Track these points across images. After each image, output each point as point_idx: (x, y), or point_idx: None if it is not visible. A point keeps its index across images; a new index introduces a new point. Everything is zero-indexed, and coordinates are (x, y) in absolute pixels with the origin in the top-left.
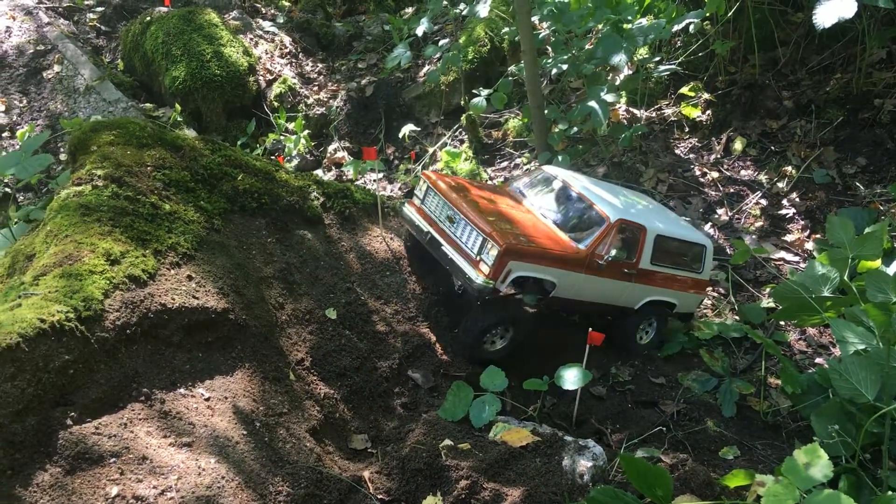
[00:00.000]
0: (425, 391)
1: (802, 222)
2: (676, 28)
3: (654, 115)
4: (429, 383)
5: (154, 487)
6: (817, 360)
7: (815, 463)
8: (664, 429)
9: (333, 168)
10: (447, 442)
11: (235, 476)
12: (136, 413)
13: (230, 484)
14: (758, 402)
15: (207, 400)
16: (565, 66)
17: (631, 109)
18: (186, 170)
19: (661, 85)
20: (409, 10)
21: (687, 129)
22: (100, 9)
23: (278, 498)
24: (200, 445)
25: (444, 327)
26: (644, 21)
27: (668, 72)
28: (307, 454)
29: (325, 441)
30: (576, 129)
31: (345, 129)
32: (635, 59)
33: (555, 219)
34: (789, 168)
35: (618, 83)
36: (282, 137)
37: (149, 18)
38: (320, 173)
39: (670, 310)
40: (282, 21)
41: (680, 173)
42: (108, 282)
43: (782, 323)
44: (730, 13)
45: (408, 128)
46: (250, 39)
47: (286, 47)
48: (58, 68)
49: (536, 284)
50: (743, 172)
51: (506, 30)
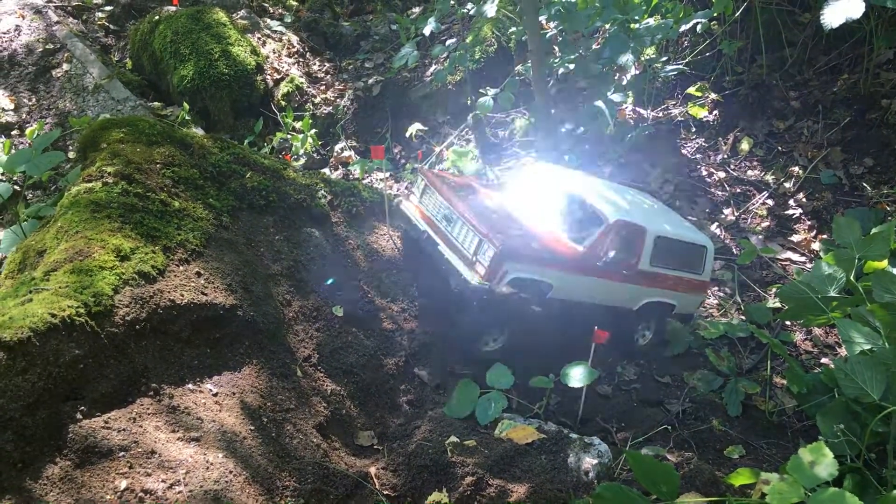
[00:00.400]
0: (431, 388)
1: (809, 223)
2: (684, 28)
3: (660, 114)
4: (435, 381)
5: (163, 481)
6: (823, 360)
7: (820, 461)
8: (669, 427)
9: (340, 167)
10: (453, 439)
11: (243, 471)
12: (145, 408)
13: (238, 478)
14: (763, 402)
15: (215, 395)
16: (572, 65)
17: (638, 109)
18: (195, 167)
19: (668, 85)
20: (417, 10)
21: (694, 130)
22: (108, 8)
23: (285, 493)
24: (208, 440)
25: (447, 325)
26: (651, 21)
27: (675, 72)
28: (314, 450)
29: (331, 437)
30: (582, 129)
31: (352, 128)
32: (642, 59)
33: (554, 219)
34: (796, 168)
35: (625, 83)
36: (289, 136)
37: (157, 17)
38: (327, 172)
39: (670, 311)
40: (289, 20)
41: (686, 173)
42: (117, 278)
43: (788, 323)
44: (737, 13)
45: (415, 127)
46: (258, 39)
47: (294, 46)
48: (67, 67)
49: (534, 285)
50: (749, 173)
51: (513, 29)
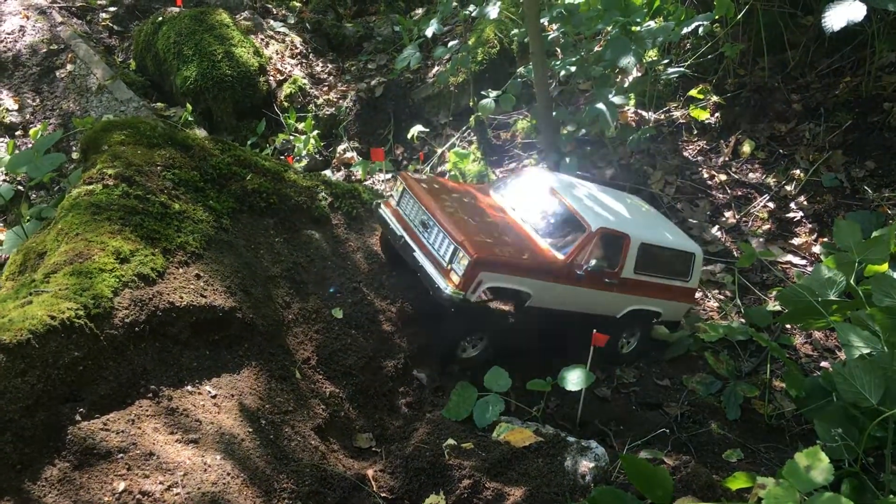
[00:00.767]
0: (430, 391)
1: (810, 226)
2: (685, 30)
3: (662, 117)
4: (434, 383)
5: (161, 483)
6: (822, 364)
7: (816, 466)
8: (668, 431)
9: (342, 168)
10: (450, 441)
11: (241, 473)
12: (144, 409)
13: (236, 480)
14: (762, 406)
15: (214, 397)
16: (574, 68)
17: (639, 111)
18: (196, 169)
19: (670, 87)
20: (419, 12)
21: (695, 132)
22: (112, 8)
23: (283, 495)
24: (207, 442)
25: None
26: (653, 24)
27: (676, 74)
28: (312, 452)
29: (329, 439)
30: (584, 131)
31: (354, 129)
32: (644, 62)
33: (535, 225)
34: (797, 171)
35: (626, 85)
36: (291, 137)
37: (161, 18)
38: (329, 173)
39: (655, 318)
40: (292, 21)
41: (688, 176)
42: (117, 280)
43: (788, 326)
44: (739, 16)
45: (417, 128)
46: (261, 40)
47: (297, 48)
48: (70, 67)
49: (512, 293)
50: (751, 175)
51: (515, 31)
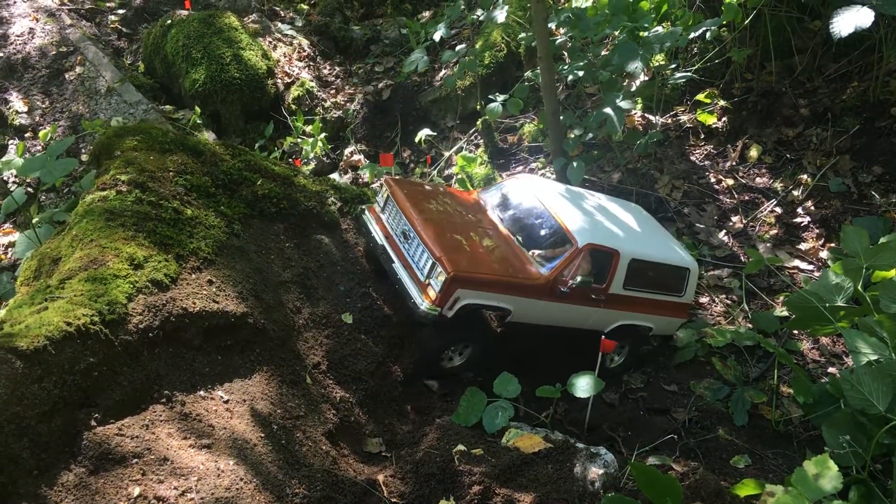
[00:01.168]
0: (439, 396)
1: (817, 231)
2: (693, 35)
3: (669, 121)
4: (443, 388)
5: (175, 488)
6: (830, 370)
7: (825, 474)
8: (676, 436)
9: (350, 171)
10: (460, 447)
11: (254, 478)
12: (158, 415)
13: (248, 486)
14: (770, 411)
15: (226, 402)
16: (581, 72)
17: (646, 116)
18: (207, 175)
19: (677, 91)
20: (427, 14)
21: (702, 136)
22: (121, 11)
23: (295, 500)
24: (220, 447)
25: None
26: (660, 28)
27: (684, 79)
28: (323, 457)
29: (340, 444)
30: (591, 135)
31: (361, 132)
32: (651, 66)
33: (521, 238)
34: (805, 176)
35: (633, 90)
36: (299, 140)
37: (169, 21)
38: (337, 176)
39: (646, 333)
40: (300, 24)
41: (695, 180)
42: (131, 286)
43: (795, 332)
44: (747, 21)
45: (424, 132)
46: (269, 42)
47: (304, 50)
48: (79, 70)
49: (493, 308)
50: (758, 180)
51: (522, 35)
